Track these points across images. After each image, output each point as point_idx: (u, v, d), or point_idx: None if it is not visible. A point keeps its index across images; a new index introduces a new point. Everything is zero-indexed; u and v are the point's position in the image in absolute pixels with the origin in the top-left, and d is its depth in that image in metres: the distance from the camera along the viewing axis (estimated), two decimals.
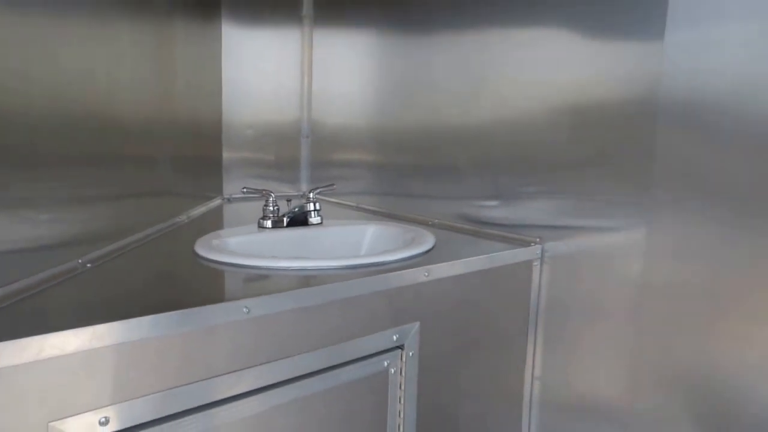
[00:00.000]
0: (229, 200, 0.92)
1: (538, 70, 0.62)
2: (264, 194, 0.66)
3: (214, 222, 0.73)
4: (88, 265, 0.48)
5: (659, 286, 0.53)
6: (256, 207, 0.82)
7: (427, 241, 0.59)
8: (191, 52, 0.78)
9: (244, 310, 0.40)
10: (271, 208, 0.65)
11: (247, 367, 0.41)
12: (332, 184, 0.70)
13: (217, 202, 0.89)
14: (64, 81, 0.45)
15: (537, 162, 0.63)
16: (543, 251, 0.62)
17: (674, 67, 0.51)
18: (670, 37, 0.51)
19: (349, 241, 0.67)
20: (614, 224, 0.55)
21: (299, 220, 0.67)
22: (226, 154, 0.93)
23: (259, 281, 0.46)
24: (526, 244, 0.62)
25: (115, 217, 0.55)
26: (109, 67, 0.53)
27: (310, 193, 0.68)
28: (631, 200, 0.54)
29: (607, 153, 0.56)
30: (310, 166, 0.98)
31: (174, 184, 0.71)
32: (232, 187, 0.93)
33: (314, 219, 0.67)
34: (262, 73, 0.94)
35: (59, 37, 0.45)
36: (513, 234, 0.65)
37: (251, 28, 0.92)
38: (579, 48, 0.58)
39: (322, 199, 0.94)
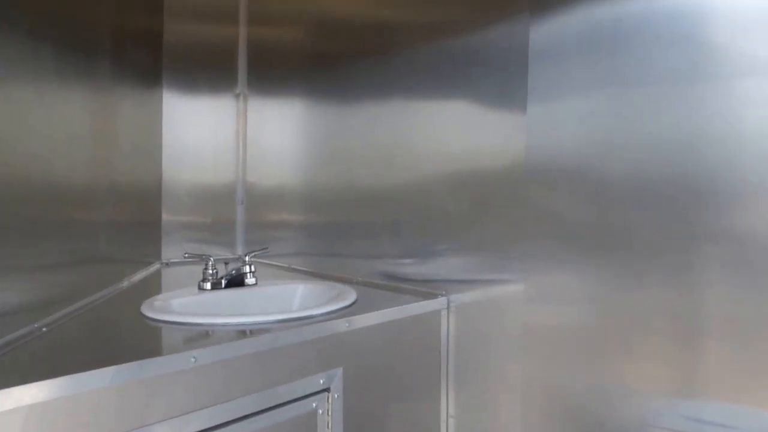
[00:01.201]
0: (167, 264, 0.98)
1: (438, 140, 0.74)
2: (203, 258, 0.74)
3: (155, 286, 0.79)
4: (44, 329, 0.54)
5: (540, 329, 0.63)
6: (193, 271, 0.88)
7: (349, 296, 0.68)
8: (132, 118, 0.84)
9: (192, 359, 0.47)
10: (211, 271, 0.73)
11: (192, 411, 0.48)
12: (266, 248, 0.79)
13: (156, 266, 0.95)
14: None
15: (440, 223, 0.74)
16: (449, 302, 0.72)
17: (535, 136, 0.64)
18: (530, 111, 0.64)
19: (282, 299, 0.75)
20: (503, 276, 0.67)
21: (236, 281, 0.74)
22: (166, 217, 0.98)
23: (202, 336, 0.53)
24: (434, 296, 0.73)
25: (63, 284, 0.61)
26: (45, 132, 0.57)
27: (246, 256, 0.77)
28: (513, 254, 0.66)
29: (493, 213, 0.68)
30: (245, 230, 1.06)
31: (115, 251, 0.76)
32: (170, 251, 0.98)
33: (250, 280, 0.75)
34: (201, 139, 1.02)
35: None
36: (424, 288, 0.75)
37: (190, 96, 1.01)
38: (467, 121, 0.71)
39: (257, 261, 1.02)
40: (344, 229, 0.88)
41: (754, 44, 0.49)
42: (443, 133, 0.73)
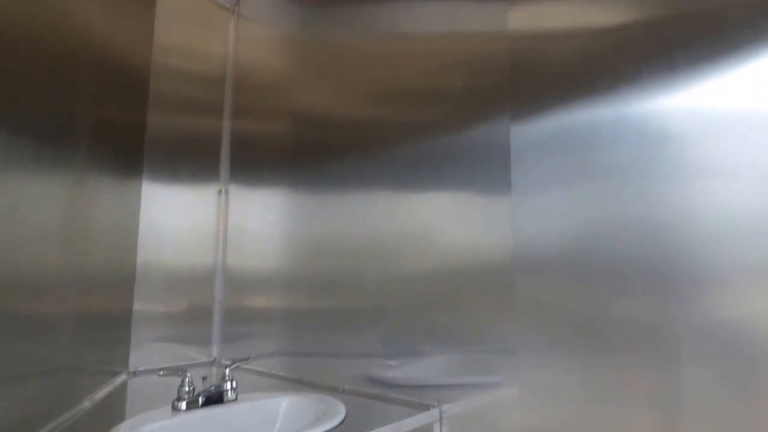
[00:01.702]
0: (135, 374, 0.91)
1: (423, 233, 0.73)
2: (180, 374, 0.69)
3: (122, 406, 0.73)
4: None
5: None
6: (164, 383, 0.83)
7: (338, 412, 0.64)
8: (109, 207, 0.81)
9: None
10: (187, 389, 0.68)
11: None
12: (247, 358, 0.74)
13: (122, 378, 0.88)
14: None
15: (427, 318, 0.71)
16: (441, 413, 0.68)
17: (520, 228, 0.63)
18: (514, 203, 0.64)
19: (264, 417, 0.70)
20: (494, 378, 0.64)
21: (214, 398, 0.69)
22: (138, 306, 0.93)
23: None
24: (426, 408, 0.69)
25: (8, 416, 0.55)
26: (15, 221, 0.54)
27: (226, 368, 0.72)
28: (503, 349, 0.63)
29: (480, 307, 0.66)
30: (222, 323, 1.02)
31: (78, 358, 0.71)
32: (140, 352, 0.92)
33: (230, 396, 0.70)
34: (179, 228, 0.99)
35: None
36: (414, 397, 0.71)
37: (170, 186, 0.98)
38: (452, 214, 0.69)
39: (237, 366, 0.97)
40: (328, 324, 0.84)
41: (715, 148, 0.51)
42: (428, 226, 0.72)
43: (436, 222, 0.71)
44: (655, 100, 0.56)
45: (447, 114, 0.72)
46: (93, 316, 0.76)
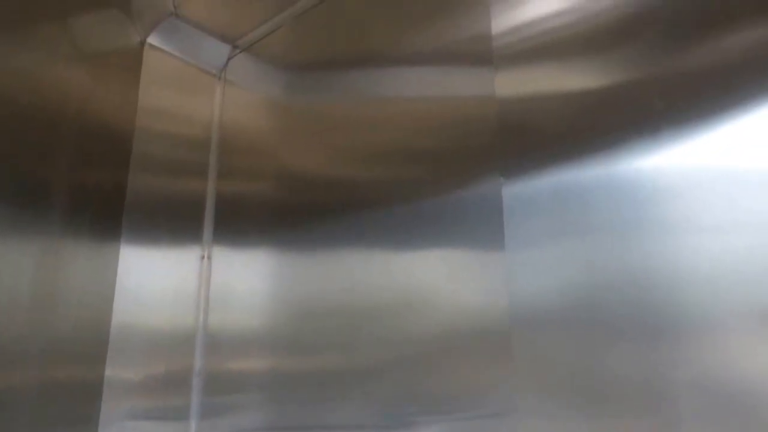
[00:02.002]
0: None
1: (415, 293, 0.71)
2: None
3: None
4: None
5: None
6: None
7: None
8: (83, 271, 0.78)
9: None
10: None
11: None
12: None
13: None
14: None
15: (414, 386, 0.68)
16: None
17: (516, 285, 0.61)
18: (509, 260, 0.63)
19: None
20: None
21: None
22: (110, 373, 0.86)
23: None
24: None
25: None
26: None
27: None
28: (503, 420, 0.60)
29: (478, 373, 0.63)
30: (201, 408, 0.96)
31: None
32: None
33: None
34: (158, 292, 0.95)
35: None
36: None
37: (150, 249, 0.95)
38: (445, 274, 0.68)
39: None
40: (316, 393, 0.80)
41: (704, 204, 0.52)
42: (421, 286, 0.70)
43: (430, 282, 0.69)
44: (644, 159, 0.57)
45: (437, 174, 0.72)
46: (59, 387, 0.71)
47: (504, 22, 0.68)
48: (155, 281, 0.95)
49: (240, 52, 1.07)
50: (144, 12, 0.97)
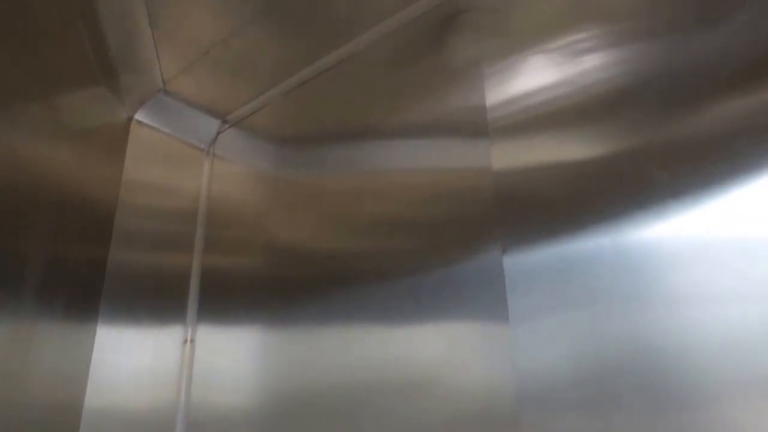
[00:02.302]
0: None
1: (415, 371, 0.66)
2: None
3: None
4: None
5: None
6: None
7: None
8: (57, 351, 0.72)
9: None
10: None
11: None
12: None
13: None
14: None
15: None
16: None
17: (521, 360, 0.58)
18: (512, 334, 0.60)
19: None
20: None
21: None
22: None
23: None
24: None
25: None
26: None
27: None
28: None
29: None
30: None
31: None
32: None
33: None
34: (136, 373, 0.89)
35: None
36: None
37: (129, 327, 0.90)
38: (447, 350, 0.64)
39: None
40: None
41: (711, 277, 0.50)
42: (421, 364, 0.66)
43: (430, 360, 0.66)
44: (647, 228, 0.56)
45: (435, 246, 0.70)
46: None
47: (498, 94, 0.69)
48: (133, 363, 0.89)
49: (229, 126, 1.07)
50: (133, 89, 0.97)
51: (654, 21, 0.61)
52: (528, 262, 0.62)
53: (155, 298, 0.94)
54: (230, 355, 0.90)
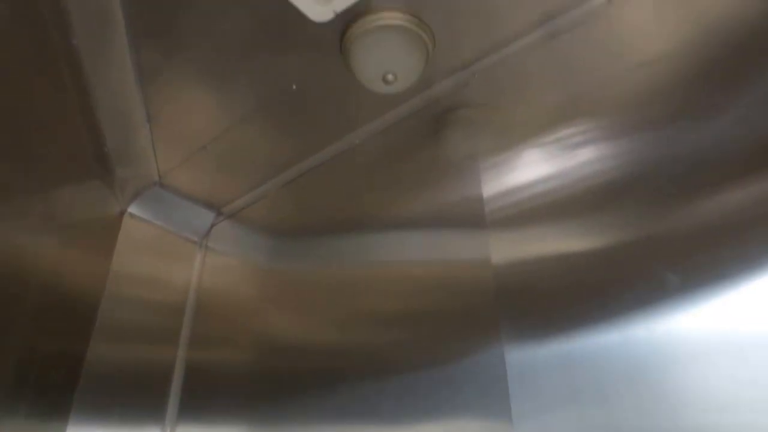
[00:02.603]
0: None
1: None
2: None
3: None
4: None
5: None
6: None
7: None
8: None
9: None
10: None
11: None
12: None
13: None
14: None
15: None
16: None
17: None
18: (517, 427, 0.56)
19: None
20: None
21: None
22: None
23: None
24: None
25: None
26: None
27: None
28: None
29: None
30: None
31: None
32: None
33: None
34: None
35: None
36: None
37: (104, 427, 0.83)
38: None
39: None
40: None
41: (724, 377, 0.47)
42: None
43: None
44: (655, 323, 0.53)
45: (433, 341, 0.67)
46: None
47: (495, 186, 0.70)
48: None
49: (224, 219, 1.06)
50: (127, 183, 0.97)
51: (647, 114, 0.62)
52: (531, 358, 0.59)
53: (134, 396, 0.88)
54: None
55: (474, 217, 0.70)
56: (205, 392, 0.90)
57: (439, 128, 0.80)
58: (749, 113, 0.55)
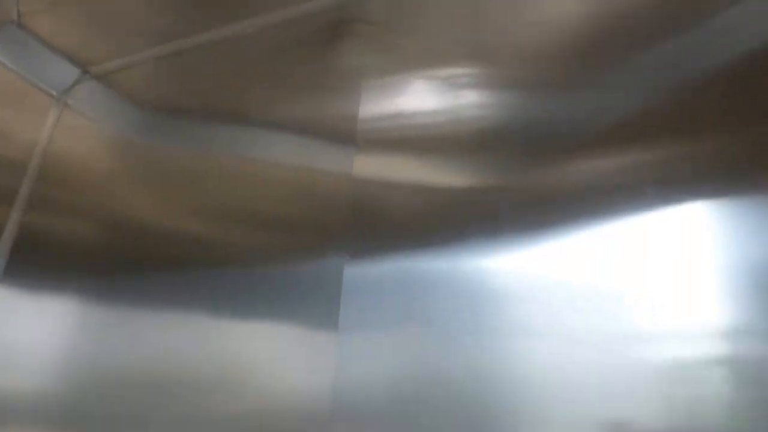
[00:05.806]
0: None
1: (235, 367, 0.62)
2: None
3: None
4: None
5: None
6: None
7: None
8: None
9: None
10: None
11: None
12: None
13: None
14: None
15: None
16: None
17: (344, 371, 0.56)
18: (340, 341, 0.58)
19: None
20: None
21: None
22: None
23: None
24: None
25: None
26: None
27: None
28: None
29: None
30: None
31: None
32: None
33: None
34: None
35: None
36: None
37: None
38: (273, 350, 0.62)
39: None
40: None
41: (538, 313, 0.52)
42: (243, 361, 0.63)
43: (250, 358, 0.63)
44: (486, 260, 0.58)
45: (280, 243, 0.68)
46: None
47: (373, 107, 0.70)
48: None
49: (91, 79, 0.97)
50: None
51: (537, 73, 0.65)
52: (368, 274, 0.62)
53: None
54: (31, 323, 0.79)
55: (346, 133, 0.70)
56: (37, 259, 0.85)
57: (333, 38, 0.77)
58: (624, 93, 0.59)
